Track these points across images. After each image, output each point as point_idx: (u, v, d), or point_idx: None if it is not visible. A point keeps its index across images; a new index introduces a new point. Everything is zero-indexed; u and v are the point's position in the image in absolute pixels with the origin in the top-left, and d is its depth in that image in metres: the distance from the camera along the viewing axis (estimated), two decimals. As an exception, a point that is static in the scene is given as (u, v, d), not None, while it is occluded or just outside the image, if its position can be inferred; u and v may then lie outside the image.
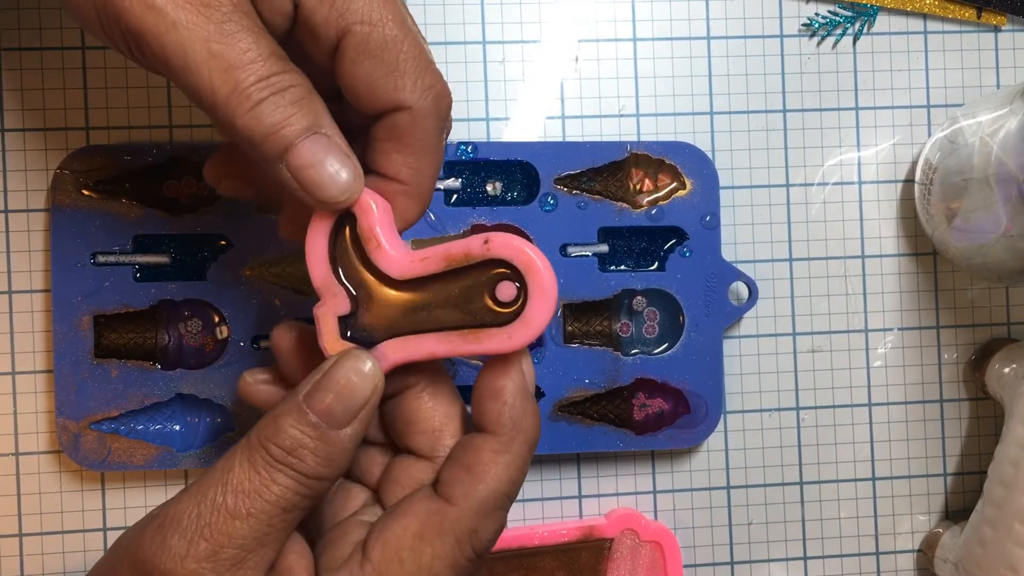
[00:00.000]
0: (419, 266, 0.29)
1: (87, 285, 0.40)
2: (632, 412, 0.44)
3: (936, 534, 0.45)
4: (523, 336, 0.28)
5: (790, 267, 0.45)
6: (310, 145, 0.28)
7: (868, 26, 0.45)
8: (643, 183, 0.44)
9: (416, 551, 0.27)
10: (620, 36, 0.44)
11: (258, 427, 0.27)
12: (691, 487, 0.45)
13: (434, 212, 0.41)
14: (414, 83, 0.29)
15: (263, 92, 0.27)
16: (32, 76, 0.41)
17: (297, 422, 0.27)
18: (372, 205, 0.29)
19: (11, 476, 0.41)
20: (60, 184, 0.39)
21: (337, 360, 0.28)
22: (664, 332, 0.44)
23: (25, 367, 0.41)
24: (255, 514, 0.26)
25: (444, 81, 0.30)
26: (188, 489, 0.27)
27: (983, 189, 0.39)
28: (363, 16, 0.28)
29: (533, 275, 0.28)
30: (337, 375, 0.27)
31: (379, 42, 0.28)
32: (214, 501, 0.26)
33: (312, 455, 0.26)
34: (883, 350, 0.46)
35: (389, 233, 0.29)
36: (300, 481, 0.26)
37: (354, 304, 0.29)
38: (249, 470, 0.26)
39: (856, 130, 0.45)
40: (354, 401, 0.27)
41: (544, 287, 0.28)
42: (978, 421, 0.46)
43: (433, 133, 0.30)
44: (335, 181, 0.28)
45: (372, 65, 0.28)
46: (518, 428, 0.28)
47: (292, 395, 0.27)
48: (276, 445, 0.26)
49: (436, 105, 0.29)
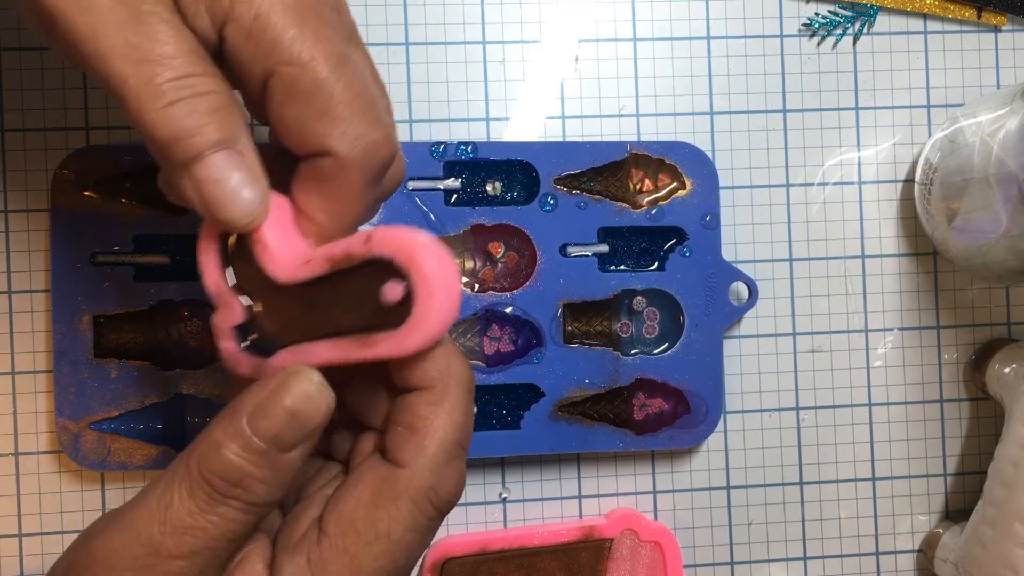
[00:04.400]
0: (304, 269, 0.26)
1: (87, 285, 0.40)
2: (632, 412, 0.44)
3: (936, 534, 0.45)
4: (414, 340, 0.25)
5: (790, 267, 0.45)
6: (219, 160, 0.26)
7: (868, 26, 0.45)
8: (643, 183, 0.44)
9: (371, 519, 0.25)
10: (620, 36, 0.44)
11: (196, 455, 0.25)
12: (691, 487, 0.45)
13: (434, 212, 0.41)
14: (343, 131, 0.26)
15: (179, 92, 0.25)
16: (32, 76, 0.41)
17: (242, 449, 0.24)
18: None
19: (11, 476, 0.41)
20: (60, 184, 0.39)
21: (283, 379, 0.25)
22: (664, 332, 0.44)
23: (25, 367, 0.41)
24: (199, 551, 0.24)
25: (385, 131, 0.28)
26: (119, 519, 0.25)
27: (983, 189, 0.39)
28: (291, 57, 0.26)
29: (417, 272, 0.25)
30: (284, 399, 0.25)
31: (307, 85, 0.26)
32: (151, 541, 0.24)
33: (261, 484, 0.25)
34: (883, 350, 0.46)
35: (279, 233, 0.27)
36: (248, 511, 0.25)
37: (249, 312, 0.28)
38: (191, 505, 0.24)
39: (856, 130, 0.45)
40: (305, 426, 0.25)
41: (430, 284, 0.25)
42: (978, 421, 0.46)
43: (358, 185, 0.27)
44: (238, 202, 0.26)
45: (299, 109, 0.26)
46: (447, 373, 0.27)
47: (230, 416, 0.25)
48: (220, 478, 0.24)
49: (366, 156, 0.27)
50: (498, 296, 0.42)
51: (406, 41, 0.43)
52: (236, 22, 0.26)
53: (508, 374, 0.42)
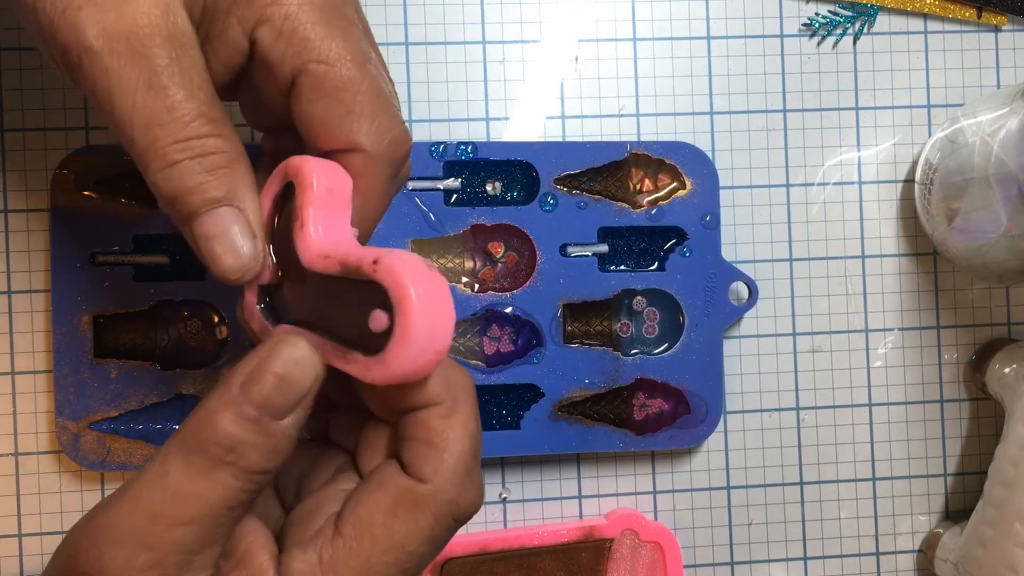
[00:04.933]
0: (321, 262, 0.27)
1: (87, 285, 0.40)
2: (632, 412, 0.44)
3: (936, 534, 0.45)
4: (379, 374, 0.25)
5: (790, 267, 0.45)
6: (215, 217, 0.27)
7: (868, 26, 0.45)
8: (643, 183, 0.44)
9: (389, 527, 0.26)
10: (620, 36, 0.44)
11: (192, 423, 0.25)
12: (691, 487, 0.45)
13: (434, 212, 0.41)
14: (370, 126, 0.28)
15: (179, 154, 0.26)
16: (32, 76, 0.41)
17: (235, 417, 0.25)
18: (313, 182, 0.27)
19: (11, 476, 0.41)
20: (60, 184, 0.39)
21: (272, 347, 0.26)
22: (664, 332, 0.44)
23: (25, 367, 0.41)
24: (199, 519, 0.24)
25: (403, 127, 0.29)
26: (120, 494, 0.25)
27: (983, 189, 0.39)
28: (320, 55, 0.27)
29: (402, 315, 0.24)
30: (273, 365, 0.25)
31: (336, 82, 0.28)
32: (151, 510, 0.24)
33: (254, 450, 0.25)
34: (883, 350, 0.46)
35: (323, 215, 0.27)
36: (244, 478, 0.25)
37: (278, 276, 0.29)
38: (187, 473, 0.25)
39: (856, 130, 0.45)
40: (294, 391, 0.25)
41: (409, 332, 0.24)
42: (978, 421, 0.46)
43: (383, 178, 0.29)
44: (228, 259, 0.27)
45: (327, 105, 0.28)
46: (452, 384, 0.27)
47: (224, 385, 0.25)
48: (215, 444, 0.25)
49: (390, 150, 0.29)
50: (498, 296, 0.42)
51: (406, 41, 0.43)
52: (268, 24, 0.27)
53: (508, 374, 0.42)
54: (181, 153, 0.26)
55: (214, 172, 0.27)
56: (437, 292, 0.25)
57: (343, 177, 0.28)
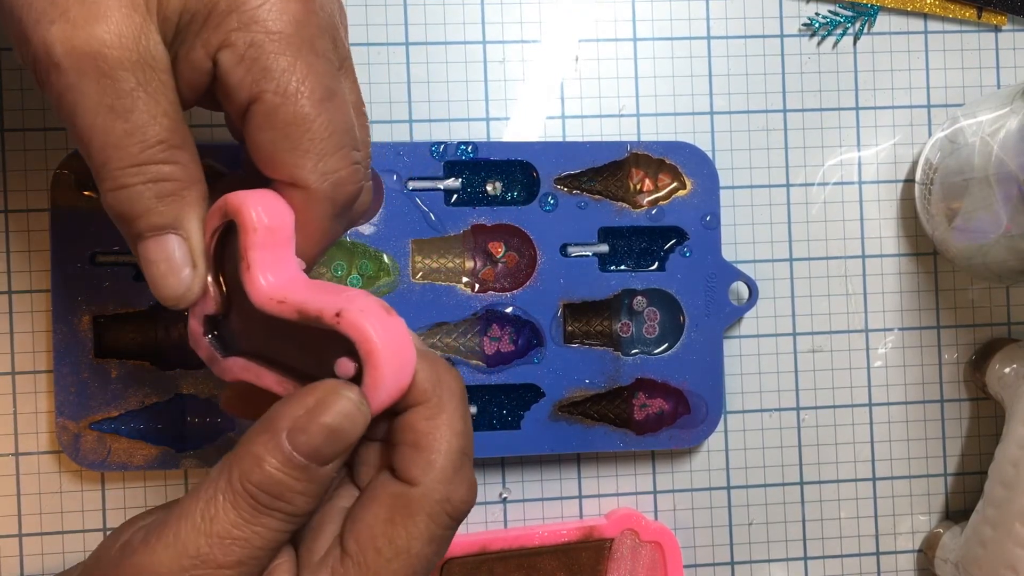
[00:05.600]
0: (275, 306, 0.27)
1: (87, 285, 0.40)
2: (632, 412, 0.44)
3: (936, 534, 0.45)
4: None
5: (790, 267, 0.45)
6: (159, 243, 0.28)
7: (868, 26, 0.45)
8: (643, 183, 0.44)
9: (390, 537, 0.26)
10: (620, 36, 0.44)
11: (237, 466, 0.25)
12: (691, 487, 0.45)
13: (434, 212, 0.41)
14: (315, 165, 0.28)
15: (131, 179, 0.27)
16: (32, 76, 0.41)
17: (283, 465, 0.25)
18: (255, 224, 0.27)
19: (11, 476, 0.41)
20: (60, 184, 0.39)
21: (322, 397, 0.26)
22: (664, 332, 0.44)
23: (25, 367, 0.41)
24: (246, 561, 0.25)
25: (353, 168, 0.29)
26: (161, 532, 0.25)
27: (983, 189, 0.39)
28: (277, 87, 0.27)
29: (371, 367, 0.26)
30: (324, 417, 0.25)
31: (287, 117, 0.27)
32: (198, 553, 0.25)
33: (301, 496, 0.26)
34: (883, 350, 0.46)
35: (268, 255, 0.27)
36: (290, 521, 0.26)
37: (225, 306, 0.29)
38: (235, 518, 0.25)
39: (856, 130, 0.45)
40: (344, 442, 0.26)
41: (378, 380, 0.26)
42: (978, 421, 0.46)
43: (325, 217, 0.29)
44: (168, 284, 0.28)
45: (275, 138, 0.28)
46: (437, 384, 0.27)
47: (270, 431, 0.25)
48: (263, 491, 0.25)
49: (334, 191, 0.29)
50: (498, 296, 0.42)
51: (406, 41, 0.43)
52: (231, 48, 0.27)
53: (508, 374, 0.42)
54: (134, 178, 0.27)
55: (163, 199, 0.27)
56: (399, 337, 0.26)
57: (284, 211, 0.28)
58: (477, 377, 0.42)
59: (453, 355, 0.42)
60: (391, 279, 0.41)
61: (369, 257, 0.41)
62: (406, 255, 0.41)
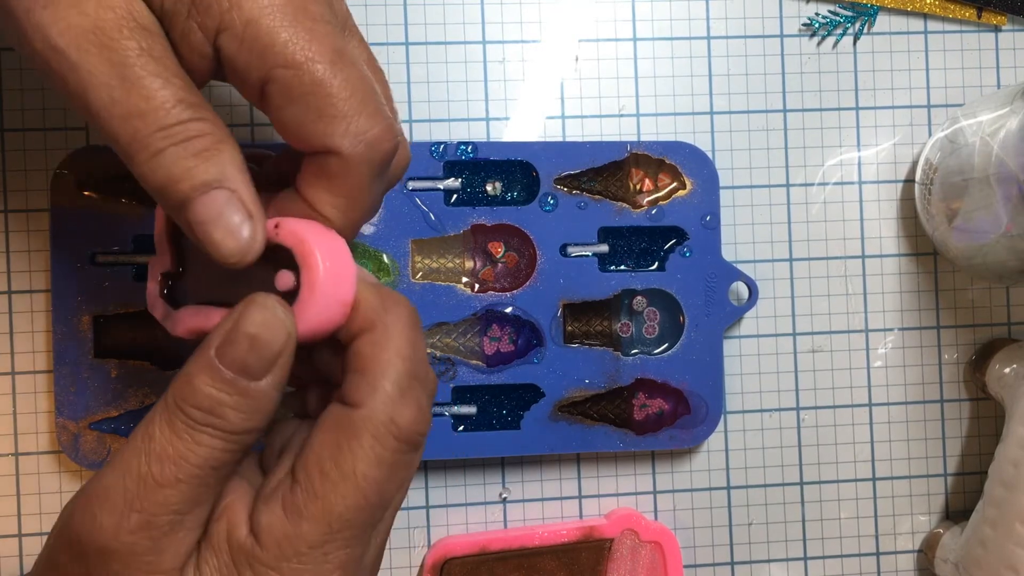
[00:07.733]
0: None
1: (87, 285, 0.40)
2: (632, 412, 0.44)
3: (936, 534, 0.45)
4: None
5: (790, 267, 0.45)
6: (208, 201, 0.26)
7: (868, 26, 0.45)
8: (643, 183, 0.44)
9: (336, 460, 0.26)
10: (620, 36, 0.44)
11: (173, 388, 0.26)
12: (691, 487, 0.45)
13: (434, 212, 0.41)
14: (345, 128, 0.27)
15: (163, 142, 0.26)
16: (32, 76, 0.41)
17: (212, 380, 0.25)
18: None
19: (11, 476, 0.41)
20: (60, 184, 0.39)
21: (243, 309, 0.26)
22: (664, 332, 0.44)
23: (25, 367, 0.41)
24: (185, 479, 0.25)
25: (385, 123, 0.28)
26: (111, 462, 0.26)
27: (983, 189, 0.39)
28: (285, 60, 0.26)
29: (307, 270, 0.26)
30: (246, 326, 0.26)
31: (304, 86, 0.27)
32: (139, 472, 0.25)
33: (234, 411, 0.26)
34: (883, 350, 0.46)
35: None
36: (225, 439, 0.26)
37: (180, 263, 0.29)
38: (170, 435, 0.25)
39: (856, 130, 0.45)
40: (268, 351, 0.26)
41: (315, 285, 0.26)
42: (978, 421, 0.46)
43: (364, 180, 0.28)
44: (228, 242, 0.27)
45: (298, 111, 0.27)
46: (382, 311, 0.27)
47: (203, 350, 0.26)
48: (194, 407, 0.25)
49: (369, 152, 0.27)
50: (498, 296, 0.42)
51: (406, 41, 0.43)
52: (228, 31, 0.26)
53: (508, 374, 0.42)
54: (165, 141, 0.26)
55: (201, 155, 0.26)
56: (337, 247, 0.27)
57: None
58: (477, 377, 0.42)
59: (453, 355, 0.42)
60: (391, 279, 0.41)
61: (369, 257, 0.41)
62: (406, 255, 0.41)
